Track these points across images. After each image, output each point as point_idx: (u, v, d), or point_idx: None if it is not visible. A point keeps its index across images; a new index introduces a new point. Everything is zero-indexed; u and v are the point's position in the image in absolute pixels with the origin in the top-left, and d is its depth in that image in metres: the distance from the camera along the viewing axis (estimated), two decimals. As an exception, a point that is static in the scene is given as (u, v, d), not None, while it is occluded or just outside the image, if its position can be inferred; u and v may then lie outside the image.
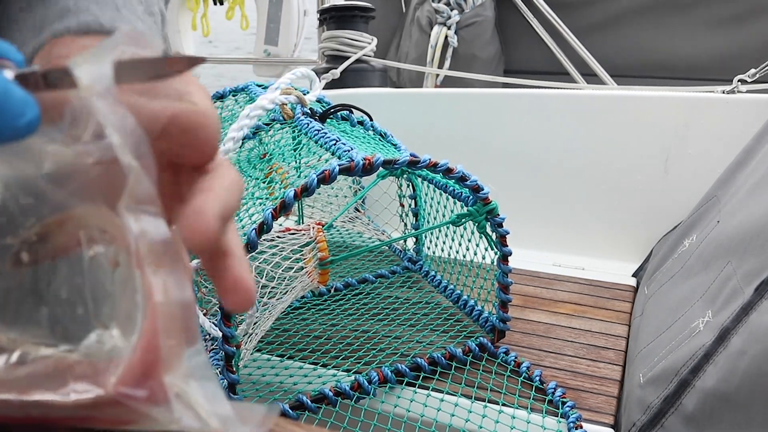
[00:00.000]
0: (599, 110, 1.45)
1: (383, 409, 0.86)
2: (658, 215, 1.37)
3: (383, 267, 1.23)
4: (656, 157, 1.41)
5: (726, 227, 0.92)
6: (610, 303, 1.13)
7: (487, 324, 1.00)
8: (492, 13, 2.51)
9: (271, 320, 0.94)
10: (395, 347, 0.96)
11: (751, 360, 0.67)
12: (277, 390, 0.89)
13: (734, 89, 1.39)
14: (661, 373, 0.80)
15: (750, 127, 1.16)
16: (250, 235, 0.72)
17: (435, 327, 1.02)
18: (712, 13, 2.21)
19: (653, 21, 2.30)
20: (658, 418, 0.77)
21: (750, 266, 0.76)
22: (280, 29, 2.92)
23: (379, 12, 2.09)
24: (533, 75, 1.90)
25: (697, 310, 0.83)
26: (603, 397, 0.88)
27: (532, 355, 0.97)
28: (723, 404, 0.69)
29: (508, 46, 2.56)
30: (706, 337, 0.75)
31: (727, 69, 1.54)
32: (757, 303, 0.70)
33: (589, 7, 2.37)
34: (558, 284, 1.20)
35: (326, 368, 0.92)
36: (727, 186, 1.08)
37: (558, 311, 1.10)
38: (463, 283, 1.08)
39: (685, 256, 1.03)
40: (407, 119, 1.61)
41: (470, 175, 0.85)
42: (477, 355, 0.95)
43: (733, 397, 0.68)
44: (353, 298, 1.12)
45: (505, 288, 0.94)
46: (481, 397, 0.87)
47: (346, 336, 1.00)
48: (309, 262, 0.91)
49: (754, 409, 0.65)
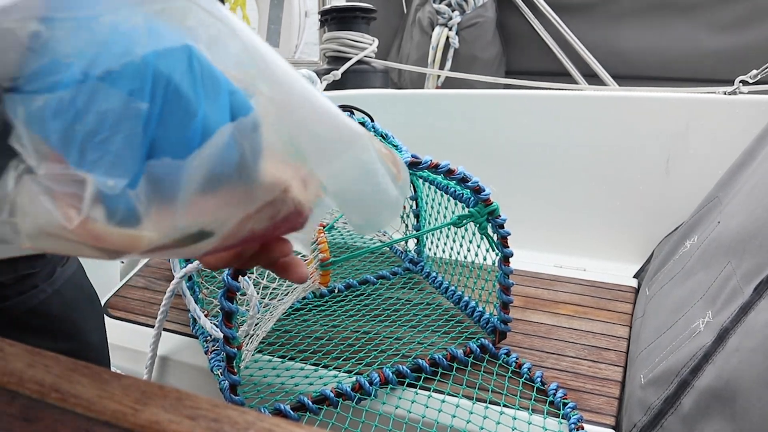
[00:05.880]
0: (600, 111, 1.45)
1: (384, 410, 0.86)
2: (660, 216, 1.37)
3: (384, 268, 1.23)
4: (657, 158, 1.41)
5: (726, 228, 0.93)
6: (612, 304, 1.13)
7: (488, 325, 1.00)
8: (493, 14, 2.51)
9: (273, 321, 0.94)
10: (396, 348, 0.97)
11: (742, 356, 0.67)
12: (278, 391, 0.89)
13: (736, 90, 1.39)
14: (661, 374, 0.80)
15: (751, 128, 1.16)
16: (251, 237, 0.73)
17: (436, 328, 1.02)
18: (714, 14, 2.21)
19: (654, 22, 2.30)
20: (658, 418, 0.77)
21: (749, 266, 0.77)
22: (281, 30, 2.92)
23: (380, 13, 2.10)
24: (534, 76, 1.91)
25: (698, 310, 0.84)
26: (604, 398, 0.88)
27: (534, 356, 0.97)
28: (714, 400, 0.69)
29: (509, 47, 2.57)
30: (706, 338, 0.76)
31: (729, 70, 1.54)
32: (756, 302, 0.71)
33: (590, 9, 2.38)
34: (559, 285, 1.20)
35: (327, 369, 0.93)
36: (728, 187, 1.08)
37: (559, 312, 1.10)
38: (465, 284, 1.08)
39: (686, 257, 1.03)
40: (408, 120, 1.61)
41: (471, 177, 0.85)
42: (478, 357, 0.95)
43: (722, 392, 0.68)
44: (354, 299, 1.12)
45: (506, 289, 0.94)
46: (482, 398, 0.87)
47: (347, 337, 1.00)
48: (310, 263, 0.91)
49: (739, 401, 0.65)
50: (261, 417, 0.27)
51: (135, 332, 1.06)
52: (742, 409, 0.64)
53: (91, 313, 0.86)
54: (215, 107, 0.28)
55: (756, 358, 0.65)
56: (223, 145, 0.28)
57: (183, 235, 0.29)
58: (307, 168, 0.32)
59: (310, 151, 0.32)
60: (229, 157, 0.28)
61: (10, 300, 0.76)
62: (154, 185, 0.27)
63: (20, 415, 0.27)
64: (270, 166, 0.30)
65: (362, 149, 0.33)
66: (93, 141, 0.26)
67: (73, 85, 0.26)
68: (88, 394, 0.28)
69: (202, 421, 0.27)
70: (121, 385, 0.29)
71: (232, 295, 0.74)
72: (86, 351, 0.85)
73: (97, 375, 0.29)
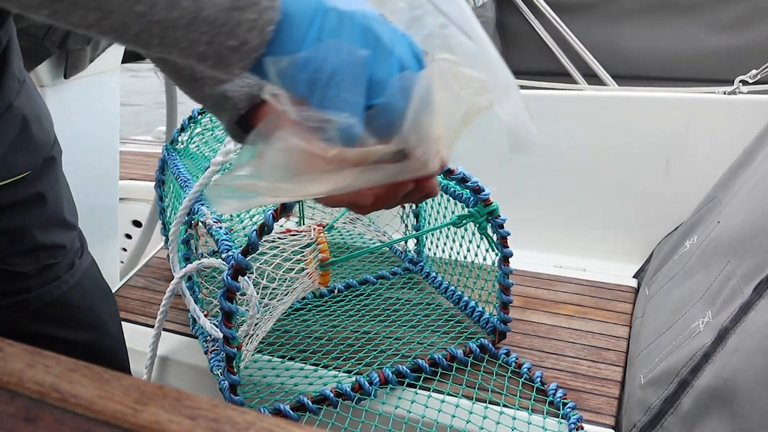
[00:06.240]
0: (600, 111, 1.45)
1: (384, 410, 0.86)
2: (659, 216, 1.37)
3: (384, 268, 1.23)
4: (657, 158, 1.41)
5: (726, 228, 0.93)
6: (611, 304, 1.13)
7: (488, 325, 1.00)
8: (493, 14, 2.51)
9: (272, 321, 0.94)
10: (396, 348, 0.97)
11: (741, 355, 0.67)
12: (278, 391, 0.89)
13: (735, 90, 1.39)
14: (661, 374, 0.80)
15: (751, 128, 1.16)
16: (251, 236, 0.73)
17: (436, 328, 1.02)
18: (714, 14, 2.21)
19: (654, 22, 2.30)
20: (658, 418, 0.77)
21: (749, 266, 0.77)
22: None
23: (380, 13, 2.09)
24: (534, 76, 1.91)
25: (698, 310, 0.84)
26: (604, 398, 0.88)
27: (533, 356, 0.97)
28: (713, 400, 0.69)
29: (509, 47, 2.56)
30: (706, 338, 0.76)
31: (729, 70, 1.54)
32: (756, 302, 0.71)
33: (590, 9, 2.37)
34: (559, 285, 1.20)
35: (327, 369, 0.93)
36: (728, 187, 1.08)
37: (559, 312, 1.10)
38: (464, 284, 1.08)
39: (686, 257, 1.03)
40: (408, 120, 1.61)
41: (471, 177, 0.85)
42: (478, 357, 0.95)
43: (721, 392, 0.68)
44: (354, 300, 1.12)
45: (506, 289, 0.94)
46: (482, 398, 0.87)
47: (347, 337, 1.00)
48: (310, 263, 0.91)
49: (738, 400, 0.65)
50: (261, 417, 0.27)
51: (134, 332, 1.06)
52: (741, 409, 0.64)
53: (107, 304, 0.88)
54: (402, 49, 0.37)
55: (755, 358, 0.65)
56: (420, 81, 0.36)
57: (391, 151, 0.37)
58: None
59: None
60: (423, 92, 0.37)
61: (33, 291, 0.78)
62: (373, 114, 0.36)
63: (20, 415, 0.27)
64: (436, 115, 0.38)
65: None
66: (330, 84, 0.35)
67: (313, 45, 0.35)
68: (88, 394, 0.28)
69: (202, 421, 0.27)
70: (121, 385, 0.29)
71: (231, 295, 0.74)
72: (106, 340, 0.87)
73: (97, 375, 0.29)
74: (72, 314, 0.81)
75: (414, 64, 0.37)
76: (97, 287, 0.87)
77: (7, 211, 0.73)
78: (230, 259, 0.73)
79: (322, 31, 0.35)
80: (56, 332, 0.81)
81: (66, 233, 0.81)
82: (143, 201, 1.89)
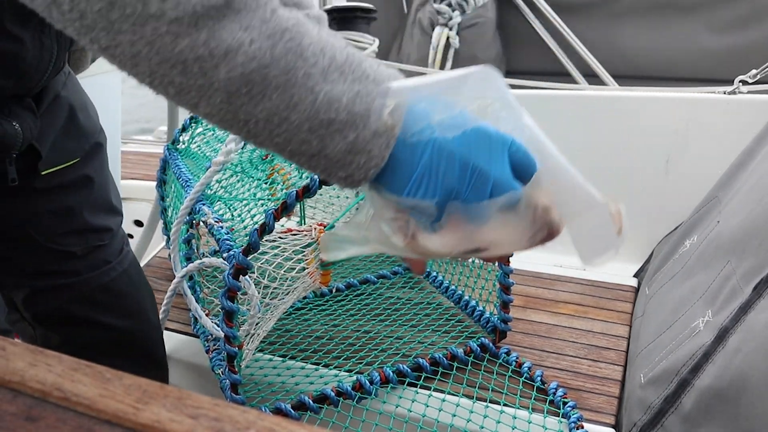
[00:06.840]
0: (600, 111, 1.45)
1: (385, 409, 0.86)
2: (659, 216, 1.37)
3: (385, 268, 1.23)
4: (657, 157, 1.41)
5: (726, 227, 0.93)
6: (612, 303, 1.13)
7: (488, 324, 1.00)
8: (493, 14, 2.51)
9: (273, 321, 0.94)
10: (397, 348, 0.97)
11: (745, 356, 0.67)
12: (279, 390, 0.89)
13: (735, 90, 1.39)
14: (661, 373, 0.80)
15: (751, 128, 1.16)
16: (252, 236, 0.73)
17: (436, 327, 1.02)
18: (714, 14, 2.21)
19: (654, 22, 2.30)
20: (658, 417, 0.77)
21: (749, 265, 0.77)
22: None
23: (380, 13, 2.09)
24: (534, 76, 1.90)
25: (698, 309, 0.84)
26: (604, 397, 0.88)
27: (534, 355, 0.97)
28: (716, 400, 0.69)
29: (509, 48, 2.56)
30: (706, 337, 0.76)
31: (729, 70, 1.54)
32: (756, 302, 0.71)
33: (590, 8, 2.38)
34: (559, 285, 1.20)
35: (328, 368, 0.93)
36: (728, 187, 1.08)
37: (559, 312, 1.10)
38: (465, 283, 1.08)
39: (686, 257, 1.03)
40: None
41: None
42: (478, 356, 0.95)
43: (725, 393, 0.68)
44: (355, 299, 1.13)
45: (506, 288, 0.94)
46: (482, 397, 0.87)
47: (347, 336, 1.00)
48: (311, 262, 0.91)
49: (743, 402, 0.65)
50: (262, 416, 0.27)
51: (136, 332, 1.06)
52: (746, 410, 0.64)
53: (149, 295, 0.91)
54: (500, 167, 0.42)
55: (758, 359, 0.65)
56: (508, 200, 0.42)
57: (464, 250, 0.43)
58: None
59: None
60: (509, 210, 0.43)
61: (83, 275, 0.80)
62: (450, 217, 0.41)
63: (22, 414, 0.27)
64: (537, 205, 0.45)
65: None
66: (419, 199, 0.41)
67: (414, 185, 0.41)
68: (90, 393, 0.28)
69: (204, 420, 0.27)
70: (123, 384, 0.29)
71: (233, 295, 0.75)
72: (148, 329, 0.90)
73: (99, 374, 0.29)
74: (119, 301, 0.85)
75: (510, 182, 0.42)
76: (142, 277, 0.91)
77: (58, 192, 0.78)
78: (231, 258, 0.74)
79: (424, 172, 0.41)
80: (101, 317, 0.84)
81: (112, 218, 0.86)
82: (145, 201, 1.89)
